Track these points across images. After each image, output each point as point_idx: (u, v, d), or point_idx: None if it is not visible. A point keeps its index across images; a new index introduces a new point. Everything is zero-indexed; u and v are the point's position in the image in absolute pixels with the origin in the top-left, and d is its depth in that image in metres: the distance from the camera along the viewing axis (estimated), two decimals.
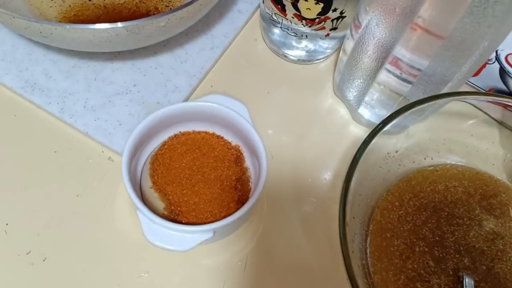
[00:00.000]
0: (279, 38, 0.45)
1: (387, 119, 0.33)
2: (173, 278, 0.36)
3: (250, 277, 0.36)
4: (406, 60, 0.34)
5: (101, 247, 0.37)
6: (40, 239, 0.37)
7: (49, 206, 0.38)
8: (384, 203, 0.37)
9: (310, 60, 0.47)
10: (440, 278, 0.34)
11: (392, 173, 0.38)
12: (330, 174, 0.41)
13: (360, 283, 0.28)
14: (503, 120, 0.41)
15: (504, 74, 0.41)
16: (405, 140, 0.38)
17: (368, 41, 0.35)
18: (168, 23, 0.37)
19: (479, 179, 0.38)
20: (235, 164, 0.38)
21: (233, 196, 0.36)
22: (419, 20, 0.30)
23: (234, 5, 0.49)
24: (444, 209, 0.37)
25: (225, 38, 0.47)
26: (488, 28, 0.29)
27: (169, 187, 0.36)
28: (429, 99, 0.34)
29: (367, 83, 0.39)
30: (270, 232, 0.38)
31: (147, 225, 0.31)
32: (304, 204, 0.40)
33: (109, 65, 0.44)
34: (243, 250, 0.37)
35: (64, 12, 0.45)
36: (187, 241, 0.31)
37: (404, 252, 0.34)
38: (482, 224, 0.36)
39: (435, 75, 0.34)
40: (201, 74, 0.45)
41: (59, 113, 0.41)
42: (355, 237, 0.33)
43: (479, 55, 0.32)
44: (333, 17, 0.40)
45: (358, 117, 0.43)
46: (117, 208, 0.38)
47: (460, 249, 0.35)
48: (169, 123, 0.38)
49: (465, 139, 0.39)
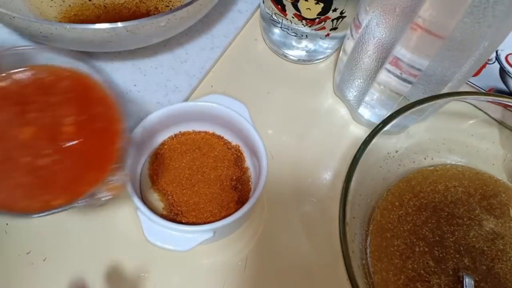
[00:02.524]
0: (279, 38, 0.45)
1: (387, 119, 0.33)
2: (173, 278, 0.36)
3: (250, 277, 0.36)
4: (406, 60, 0.34)
5: (101, 247, 0.37)
6: (40, 239, 0.37)
7: None
8: (384, 203, 0.37)
9: (310, 60, 0.47)
10: (440, 278, 0.34)
11: (392, 173, 0.38)
12: (330, 174, 0.41)
13: (360, 283, 0.28)
14: (503, 120, 0.41)
15: (504, 74, 0.41)
16: (405, 140, 0.38)
17: (368, 41, 0.35)
18: (168, 23, 0.37)
19: (479, 179, 0.38)
20: (235, 164, 0.38)
21: (233, 196, 0.36)
22: (419, 20, 0.30)
23: (234, 5, 0.49)
24: (444, 209, 0.37)
25: (225, 38, 0.47)
26: (488, 28, 0.29)
27: (169, 187, 0.36)
28: (429, 99, 0.34)
29: (367, 83, 0.39)
30: (270, 232, 0.38)
31: (147, 225, 0.32)
32: (304, 204, 0.40)
33: (109, 65, 0.44)
34: (243, 250, 0.37)
35: (64, 12, 0.45)
36: (187, 241, 0.31)
37: (404, 252, 0.34)
38: (482, 224, 0.36)
39: (435, 75, 0.34)
40: (201, 74, 0.45)
41: None
42: (355, 237, 0.33)
43: (479, 55, 0.32)
44: (333, 17, 0.40)
45: (358, 117, 0.43)
46: (117, 208, 0.38)
47: (460, 249, 0.35)
48: (169, 123, 0.38)
49: (465, 139, 0.39)
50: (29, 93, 0.27)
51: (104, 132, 0.28)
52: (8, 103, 0.27)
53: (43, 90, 0.28)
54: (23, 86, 0.27)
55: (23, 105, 0.27)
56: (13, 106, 0.27)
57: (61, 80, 0.28)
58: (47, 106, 0.27)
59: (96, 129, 0.28)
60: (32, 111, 0.27)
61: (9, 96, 0.27)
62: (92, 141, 0.28)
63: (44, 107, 0.27)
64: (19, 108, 0.27)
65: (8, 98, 0.27)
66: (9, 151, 0.26)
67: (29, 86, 0.28)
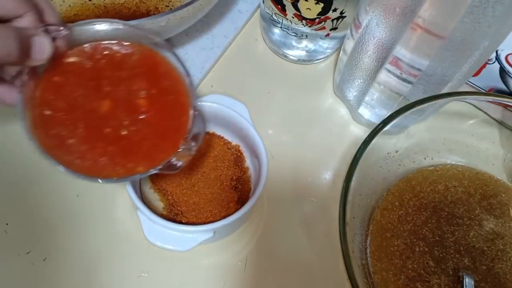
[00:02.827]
0: (279, 38, 0.45)
1: (387, 119, 0.33)
2: (173, 278, 0.36)
3: (250, 277, 0.36)
4: (406, 60, 0.34)
5: (101, 247, 0.37)
6: (40, 239, 0.37)
7: (49, 206, 0.38)
8: (384, 203, 0.37)
9: (310, 60, 0.47)
10: (440, 278, 0.34)
11: (392, 173, 0.38)
12: (330, 174, 0.41)
13: (360, 283, 0.28)
14: (503, 120, 0.41)
15: (504, 74, 0.41)
16: (405, 140, 0.38)
17: (368, 41, 0.35)
18: (168, 23, 0.37)
19: (479, 179, 0.38)
20: (235, 164, 0.38)
21: (233, 196, 0.36)
22: (419, 20, 0.30)
23: (234, 5, 0.49)
24: (444, 209, 0.37)
25: (225, 38, 0.47)
26: (488, 28, 0.29)
27: (169, 187, 0.36)
28: (429, 99, 0.34)
29: (367, 83, 0.39)
30: (270, 232, 0.38)
31: (147, 225, 0.31)
32: (304, 204, 0.40)
33: None
34: (243, 250, 0.37)
35: (64, 12, 0.45)
36: (187, 241, 0.31)
37: (404, 252, 0.34)
38: (482, 224, 0.36)
39: (435, 75, 0.34)
40: (201, 74, 0.45)
41: None
42: (355, 237, 0.33)
43: (479, 55, 0.32)
44: (333, 17, 0.40)
45: (358, 117, 0.43)
46: (117, 208, 0.38)
47: (460, 249, 0.35)
48: None
49: (465, 139, 0.39)
50: (101, 68, 0.29)
51: (174, 104, 0.30)
52: (85, 78, 0.29)
53: (114, 65, 0.29)
54: (95, 61, 0.29)
55: (98, 80, 0.29)
56: (89, 81, 0.29)
57: (130, 55, 0.30)
58: (119, 80, 0.29)
59: (167, 101, 0.30)
60: (107, 85, 0.29)
61: (84, 71, 0.29)
62: (165, 113, 0.30)
63: (117, 81, 0.29)
64: (94, 82, 0.29)
65: (84, 74, 0.29)
66: (92, 123, 0.28)
67: (101, 61, 0.29)
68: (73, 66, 0.29)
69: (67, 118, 0.28)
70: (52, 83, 0.28)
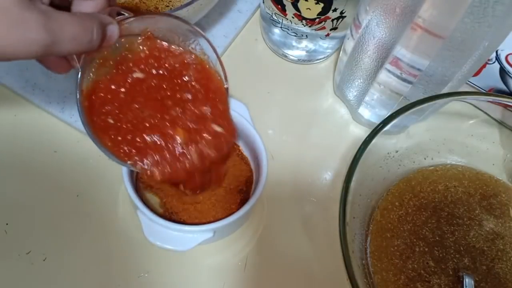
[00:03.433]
0: (279, 38, 0.45)
1: (387, 119, 0.33)
2: (173, 278, 0.36)
3: (250, 277, 0.36)
4: (406, 60, 0.34)
5: (101, 247, 0.37)
6: (40, 239, 0.37)
7: (49, 206, 0.38)
8: (384, 203, 0.37)
9: (310, 60, 0.47)
10: (440, 278, 0.34)
11: (392, 173, 0.38)
12: (330, 174, 0.41)
13: (360, 283, 0.28)
14: (503, 120, 0.41)
15: (504, 74, 0.41)
16: (405, 140, 0.38)
17: (368, 41, 0.35)
18: None
19: (479, 179, 0.38)
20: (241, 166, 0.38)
21: (236, 198, 0.36)
22: (419, 20, 0.30)
23: (234, 5, 0.49)
24: (444, 209, 0.37)
25: (225, 38, 0.47)
26: (488, 28, 0.29)
27: (169, 187, 0.36)
28: (429, 99, 0.34)
29: (367, 83, 0.39)
30: (270, 232, 0.38)
31: (147, 225, 0.31)
32: (304, 204, 0.40)
33: None
34: (243, 250, 0.37)
35: None
36: (187, 241, 0.31)
37: (404, 252, 0.34)
38: (482, 224, 0.36)
39: (435, 75, 0.34)
40: None
41: (60, 113, 0.41)
42: (355, 237, 0.33)
43: (479, 55, 0.32)
44: (333, 17, 0.40)
45: (358, 117, 0.43)
46: (117, 208, 0.38)
47: (460, 249, 0.35)
48: None
49: (465, 139, 0.39)
50: (164, 87, 0.31)
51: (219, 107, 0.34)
52: (151, 97, 0.31)
53: (175, 85, 0.32)
54: (159, 79, 0.31)
55: (164, 100, 0.31)
56: (155, 101, 0.31)
57: (187, 67, 0.32)
58: (183, 102, 0.32)
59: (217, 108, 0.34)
60: (172, 108, 0.31)
61: (150, 88, 0.31)
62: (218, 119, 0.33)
63: (182, 104, 0.32)
64: (160, 102, 0.31)
65: (150, 90, 0.31)
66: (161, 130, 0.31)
67: (164, 79, 0.31)
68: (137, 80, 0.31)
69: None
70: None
